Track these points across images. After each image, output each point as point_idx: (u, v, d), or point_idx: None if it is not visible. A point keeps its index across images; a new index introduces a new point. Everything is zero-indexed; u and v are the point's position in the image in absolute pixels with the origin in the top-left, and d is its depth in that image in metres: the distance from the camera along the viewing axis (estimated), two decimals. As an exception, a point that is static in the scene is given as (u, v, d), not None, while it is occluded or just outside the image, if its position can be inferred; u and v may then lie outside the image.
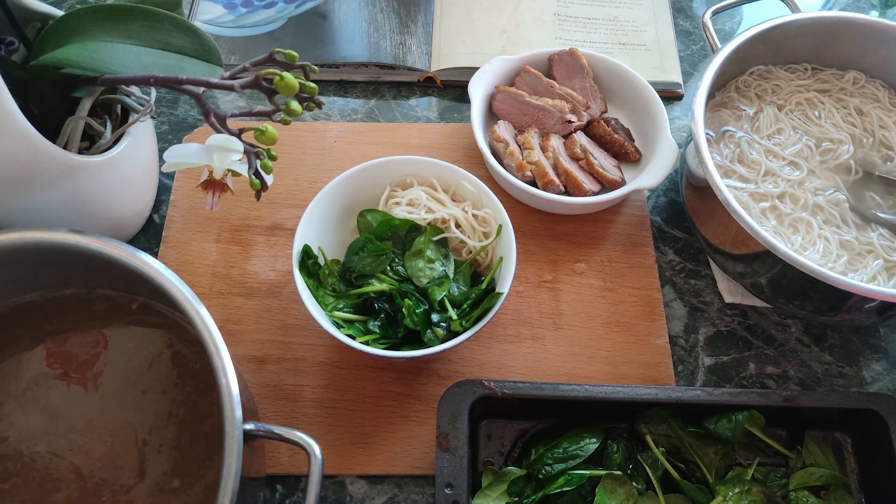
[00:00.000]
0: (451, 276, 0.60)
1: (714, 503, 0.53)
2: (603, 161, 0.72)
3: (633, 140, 0.76)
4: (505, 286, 0.58)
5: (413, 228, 0.62)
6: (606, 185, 0.71)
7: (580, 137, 0.73)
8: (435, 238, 0.62)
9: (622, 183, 0.71)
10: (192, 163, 0.51)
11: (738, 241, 0.60)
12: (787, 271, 0.57)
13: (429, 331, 0.57)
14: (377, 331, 0.58)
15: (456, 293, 0.59)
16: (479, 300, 0.59)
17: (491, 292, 0.59)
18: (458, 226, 0.63)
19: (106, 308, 0.52)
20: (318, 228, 0.62)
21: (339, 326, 0.58)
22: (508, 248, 0.60)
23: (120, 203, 0.63)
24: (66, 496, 0.46)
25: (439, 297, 0.58)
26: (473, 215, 0.63)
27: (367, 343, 0.56)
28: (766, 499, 0.54)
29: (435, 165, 0.65)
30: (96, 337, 0.51)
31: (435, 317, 0.57)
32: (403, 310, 0.57)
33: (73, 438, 0.48)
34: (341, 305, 0.59)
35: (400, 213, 0.63)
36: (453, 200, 0.65)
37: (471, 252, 0.63)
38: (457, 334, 0.56)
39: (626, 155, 0.74)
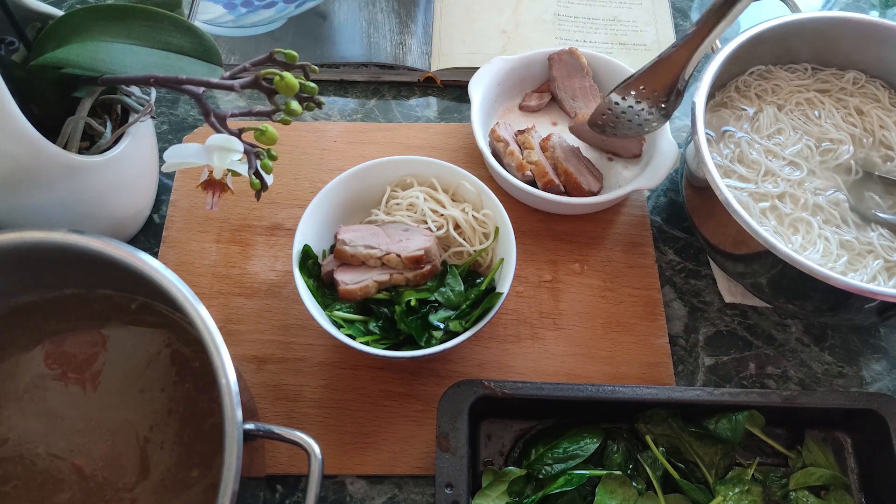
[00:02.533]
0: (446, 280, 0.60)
1: (714, 503, 0.54)
2: (579, 174, 0.71)
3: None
4: (505, 286, 0.58)
5: None
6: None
7: (566, 142, 0.73)
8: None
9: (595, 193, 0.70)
10: (192, 163, 0.50)
11: (738, 241, 0.60)
12: (787, 271, 0.57)
13: (425, 333, 0.57)
14: (377, 332, 0.58)
15: (452, 295, 0.59)
16: (478, 300, 0.59)
17: (491, 292, 0.59)
18: (457, 227, 0.63)
19: (105, 308, 0.52)
20: (318, 228, 0.62)
21: (339, 326, 0.58)
22: (508, 249, 0.60)
23: (120, 203, 0.63)
24: (70, 497, 0.46)
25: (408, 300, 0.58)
26: (474, 216, 0.63)
27: (366, 343, 0.56)
28: (766, 499, 0.54)
29: (435, 165, 0.65)
30: (95, 337, 0.51)
31: (433, 318, 0.57)
32: (396, 315, 0.57)
33: (72, 439, 0.48)
34: (341, 306, 0.59)
35: (400, 216, 0.63)
36: (453, 200, 0.65)
37: (471, 254, 0.63)
38: (456, 334, 0.56)
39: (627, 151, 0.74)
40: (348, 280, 0.58)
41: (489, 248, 0.62)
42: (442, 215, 0.63)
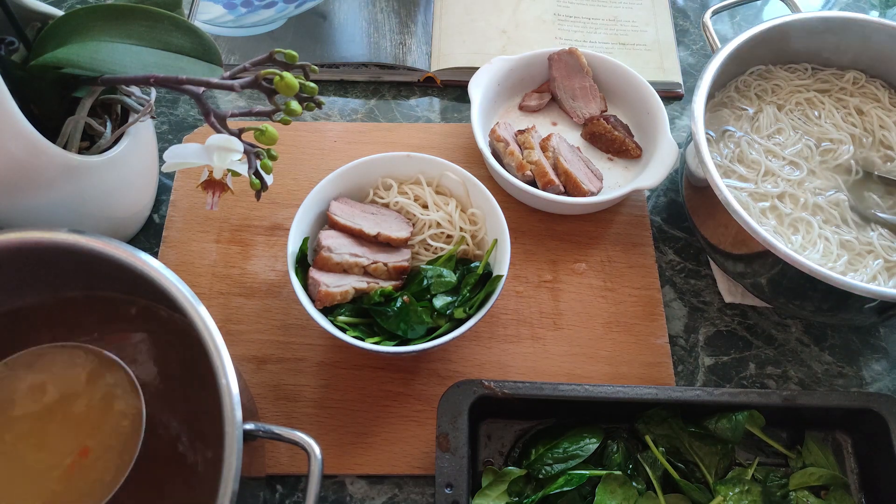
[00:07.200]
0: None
1: (714, 503, 0.54)
2: (579, 174, 0.71)
3: (632, 135, 0.76)
4: (503, 268, 0.58)
5: None
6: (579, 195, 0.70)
7: (566, 142, 0.73)
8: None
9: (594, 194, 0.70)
10: (192, 163, 0.51)
11: (738, 241, 0.60)
12: (787, 271, 0.57)
13: (408, 327, 0.57)
14: (381, 333, 0.58)
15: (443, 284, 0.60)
16: (478, 284, 0.59)
17: (489, 277, 0.59)
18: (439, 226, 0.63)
19: (106, 309, 0.52)
20: (314, 228, 0.62)
21: (342, 330, 0.57)
22: (500, 229, 0.60)
23: (120, 203, 0.63)
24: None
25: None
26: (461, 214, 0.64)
27: (377, 343, 0.56)
28: (766, 499, 0.54)
29: (416, 159, 0.65)
30: (95, 337, 0.51)
31: (438, 302, 0.58)
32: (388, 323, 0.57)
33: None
34: (343, 310, 0.59)
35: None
36: (438, 193, 0.65)
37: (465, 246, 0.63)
38: (462, 322, 0.56)
39: (626, 151, 0.74)
40: (329, 283, 0.57)
41: (474, 232, 0.63)
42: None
